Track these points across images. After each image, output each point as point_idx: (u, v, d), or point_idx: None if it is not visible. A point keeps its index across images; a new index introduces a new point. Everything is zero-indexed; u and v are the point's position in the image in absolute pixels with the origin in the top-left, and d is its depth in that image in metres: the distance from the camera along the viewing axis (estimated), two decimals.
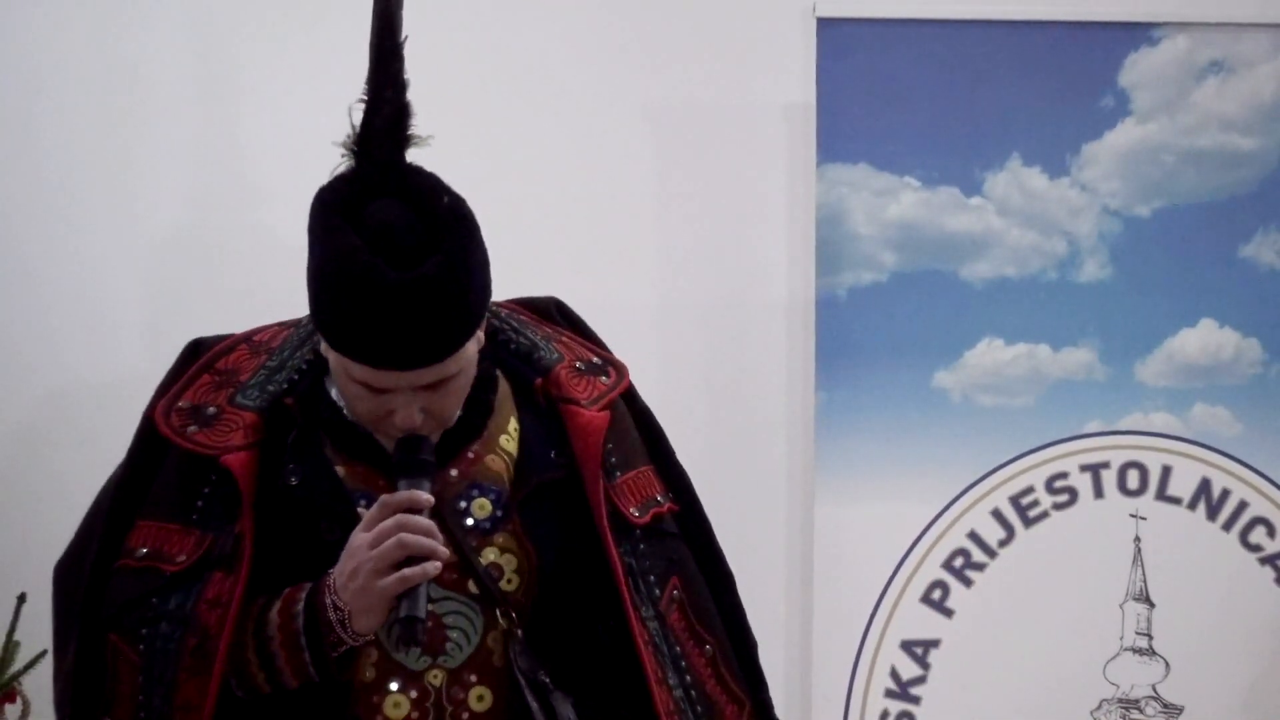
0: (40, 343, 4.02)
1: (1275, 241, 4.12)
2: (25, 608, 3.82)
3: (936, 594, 4.07)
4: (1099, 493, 4.12)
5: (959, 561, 4.08)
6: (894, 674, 4.05)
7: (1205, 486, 4.11)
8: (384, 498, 2.30)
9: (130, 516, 2.42)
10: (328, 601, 2.30)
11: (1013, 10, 4.08)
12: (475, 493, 2.41)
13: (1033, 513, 4.11)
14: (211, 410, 2.42)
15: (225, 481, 2.36)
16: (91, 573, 2.40)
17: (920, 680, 4.06)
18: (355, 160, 2.38)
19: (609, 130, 4.09)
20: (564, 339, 2.57)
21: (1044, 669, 4.04)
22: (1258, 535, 4.12)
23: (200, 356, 2.50)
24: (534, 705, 2.34)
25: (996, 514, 4.10)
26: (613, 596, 2.39)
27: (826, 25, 4.02)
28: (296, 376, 2.45)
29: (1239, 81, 4.12)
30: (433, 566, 2.27)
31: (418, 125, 2.38)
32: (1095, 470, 4.11)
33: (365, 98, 2.37)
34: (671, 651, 2.42)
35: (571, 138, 4.07)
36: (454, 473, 2.41)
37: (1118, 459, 4.11)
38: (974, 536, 4.09)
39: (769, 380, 4.15)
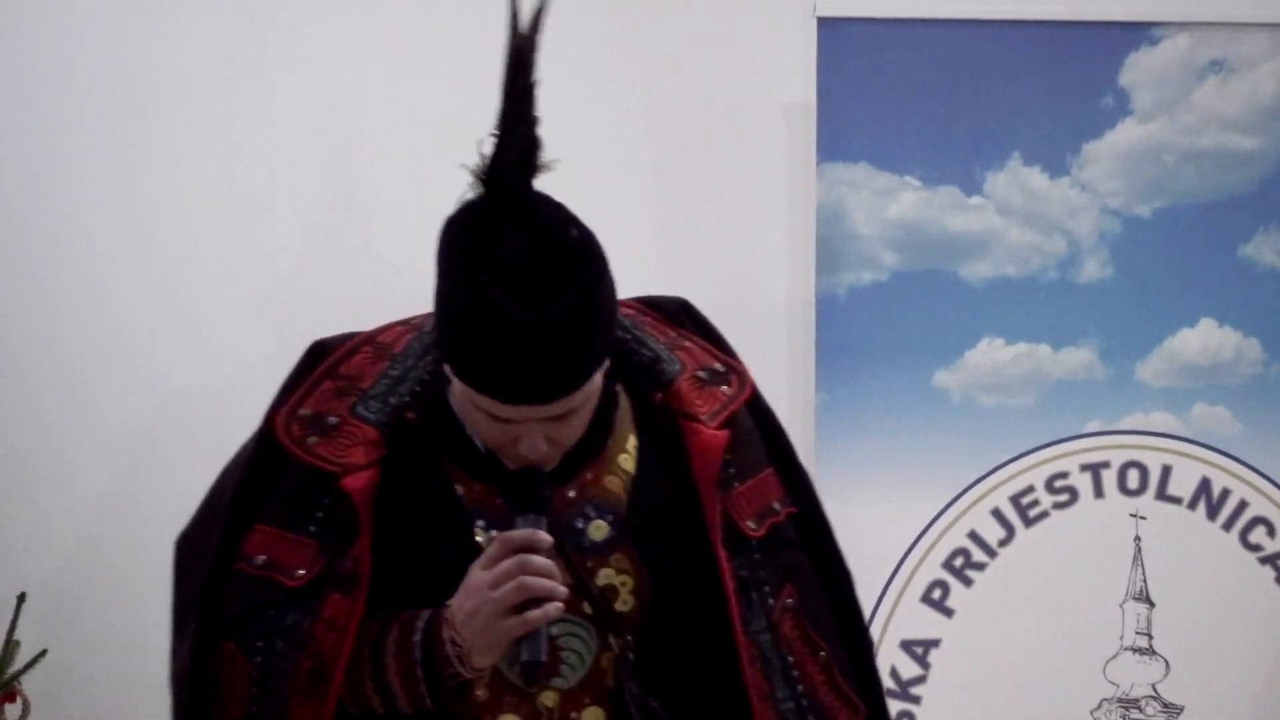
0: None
1: (1275, 241, 4.12)
2: (25, 608, 3.83)
3: (936, 594, 4.07)
4: (1099, 492, 4.12)
5: (959, 561, 4.08)
6: (894, 674, 4.05)
7: (1205, 486, 4.12)
8: (504, 536, 2.27)
9: (249, 518, 2.39)
10: (445, 636, 2.28)
11: (1013, 10, 4.08)
12: (592, 513, 2.38)
13: (1033, 512, 4.11)
14: (333, 420, 2.39)
15: (345, 499, 2.33)
16: (210, 571, 2.39)
17: (920, 680, 4.06)
18: (484, 188, 2.34)
19: (609, 130, 4.09)
20: (687, 345, 2.53)
21: (1044, 669, 4.04)
22: (1258, 535, 4.12)
23: (322, 360, 2.47)
24: None
25: (997, 514, 4.10)
26: (724, 615, 2.37)
27: (826, 25, 4.02)
28: (419, 389, 2.41)
29: (1239, 81, 4.12)
30: (554, 609, 2.24)
31: (546, 156, 2.37)
32: (1095, 470, 4.11)
33: (496, 132, 2.35)
34: (783, 662, 2.39)
35: (572, 137, 4.06)
36: (572, 493, 2.38)
37: (1118, 459, 4.11)
38: (974, 536, 4.09)
39: (769, 380, 4.08)
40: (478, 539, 2.33)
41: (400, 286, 3.93)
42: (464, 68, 4.09)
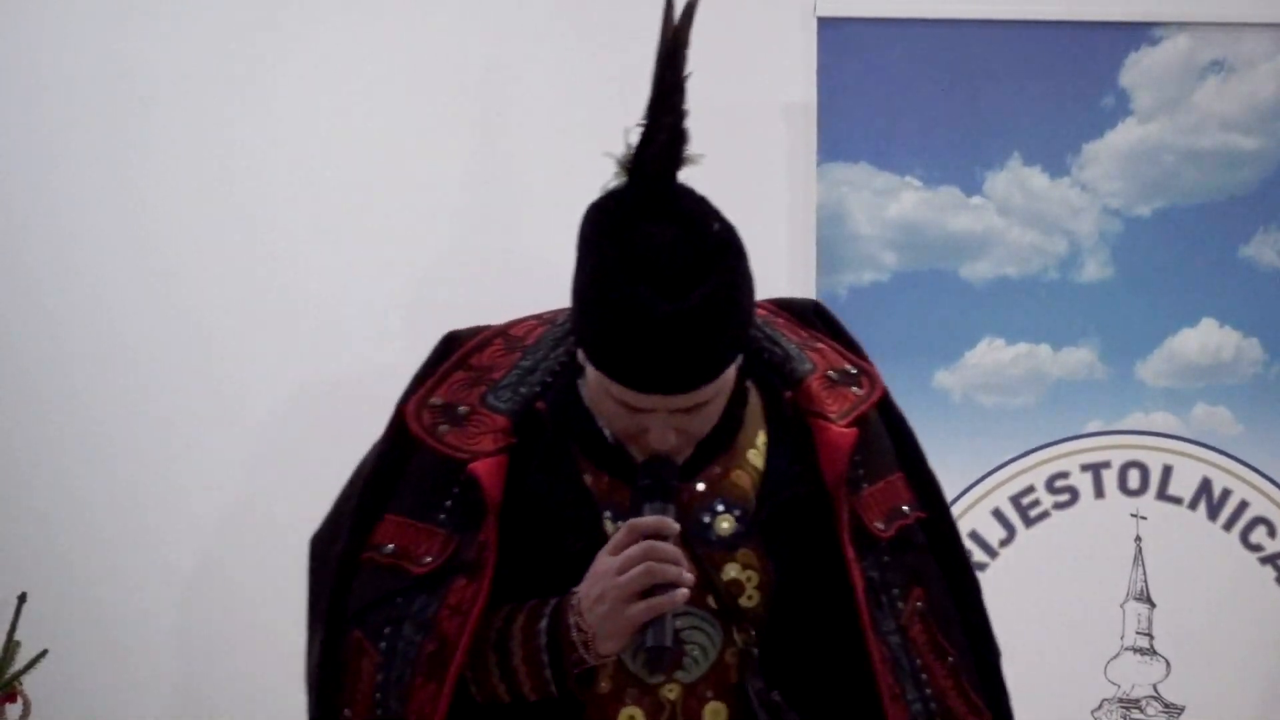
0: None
1: (1275, 241, 4.12)
2: (25, 608, 3.83)
3: None
4: (1100, 492, 4.12)
5: None
6: None
7: (1206, 486, 4.11)
8: (632, 522, 2.27)
9: (379, 509, 2.41)
10: (571, 622, 2.27)
11: (1013, 10, 4.08)
12: (720, 508, 2.38)
13: (1033, 512, 4.11)
14: (463, 410, 2.40)
15: (473, 485, 2.34)
16: (339, 563, 2.40)
17: None
18: (628, 178, 2.38)
19: (610, 130, 4.08)
20: (819, 346, 2.54)
21: (1044, 669, 4.04)
22: (1258, 535, 4.12)
23: (454, 351, 2.48)
24: None
25: (997, 514, 4.10)
26: (852, 613, 2.36)
27: (826, 25, 4.03)
28: (550, 379, 2.42)
29: (1239, 81, 4.12)
30: (681, 595, 2.24)
31: (690, 150, 2.42)
32: (1096, 470, 4.11)
33: (644, 123, 2.40)
34: (912, 665, 2.39)
35: (572, 137, 4.07)
36: (700, 486, 2.38)
37: (1118, 458, 4.11)
38: (974, 536, 4.08)
39: None
40: (606, 530, 2.33)
41: (412, 289, 3.95)
42: (463, 67, 4.10)
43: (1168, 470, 4.11)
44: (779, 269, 4.12)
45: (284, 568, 2.77)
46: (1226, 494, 4.11)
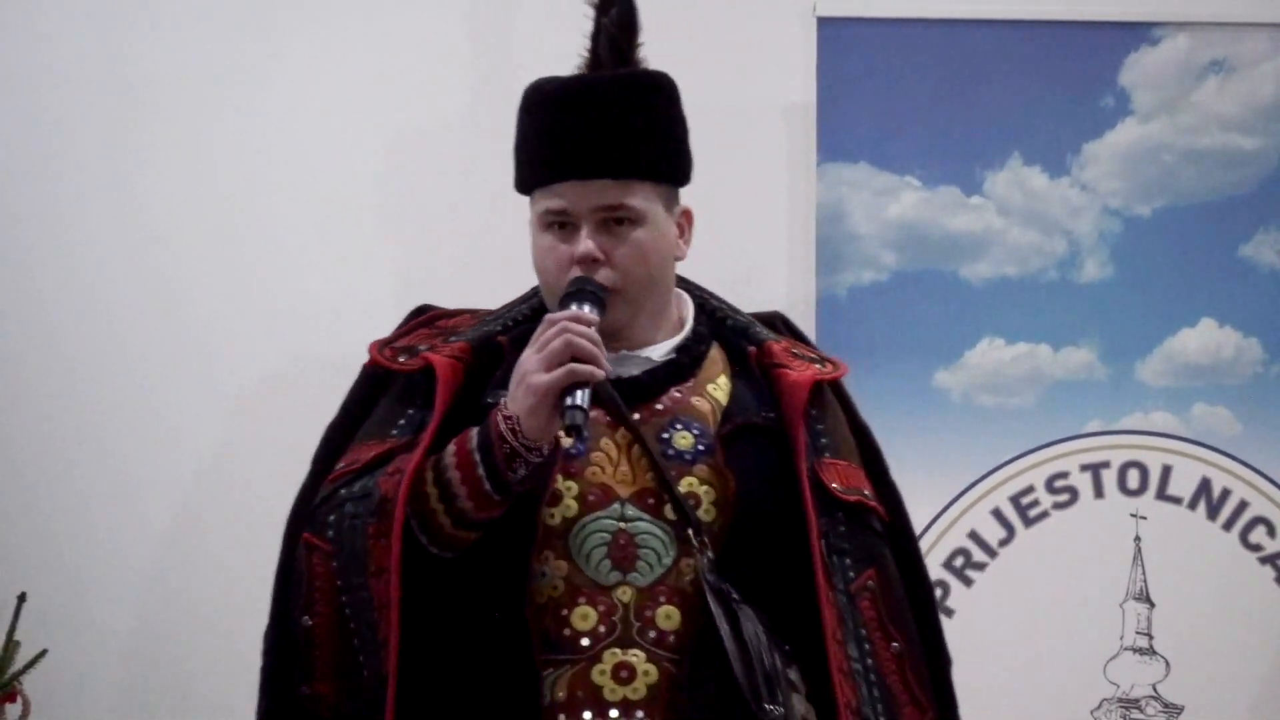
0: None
1: (1275, 241, 4.12)
2: (25, 607, 3.83)
3: (937, 593, 4.06)
4: (1099, 492, 4.12)
5: (959, 561, 4.08)
6: None
7: (1205, 486, 4.12)
8: (549, 316, 2.35)
9: (343, 449, 2.46)
10: (499, 417, 2.31)
11: (1013, 10, 4.08)
12: (679, 426, 2.43)
13: (1033, 512, 4.11)
14: (424, 347, 2.48)
15: (428, 402, 2.40)
16: (301, 501, 2.46)
17: None
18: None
19: None
20: (783, 337, 2.61)
21: (1044, 669, 4.04)
22: (1258, 535, 4.12)
23: (424, 315, 2.57)
24: (717, 610, 2.34)
25: (997, 513, 4.10)
26: (805, 550, 2.40)
27: (826, 25, 4.03)
28: (512, 324, 2.51)
29: (1239, 81, 4.12)
30: (599, 371, 2.30)
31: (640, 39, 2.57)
32: (1095, 470, 4.11)
33: (591, 14, 2.55)
34: (857, 633, 2.41)
35: None
36: (659, 406, 2.44)
37: (1118, 459, 4.11)
38: (974, 536, 4.09)
39: None
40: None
41: (404, 287, 3.95)
42: (467, 66, 4.10)
43: (1167, 470, 4.11)
44: (779, 269, 4.13)
45: None
46: (1226, 494, 4.11)
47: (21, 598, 3.83)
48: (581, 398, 2.28)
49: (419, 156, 4.07)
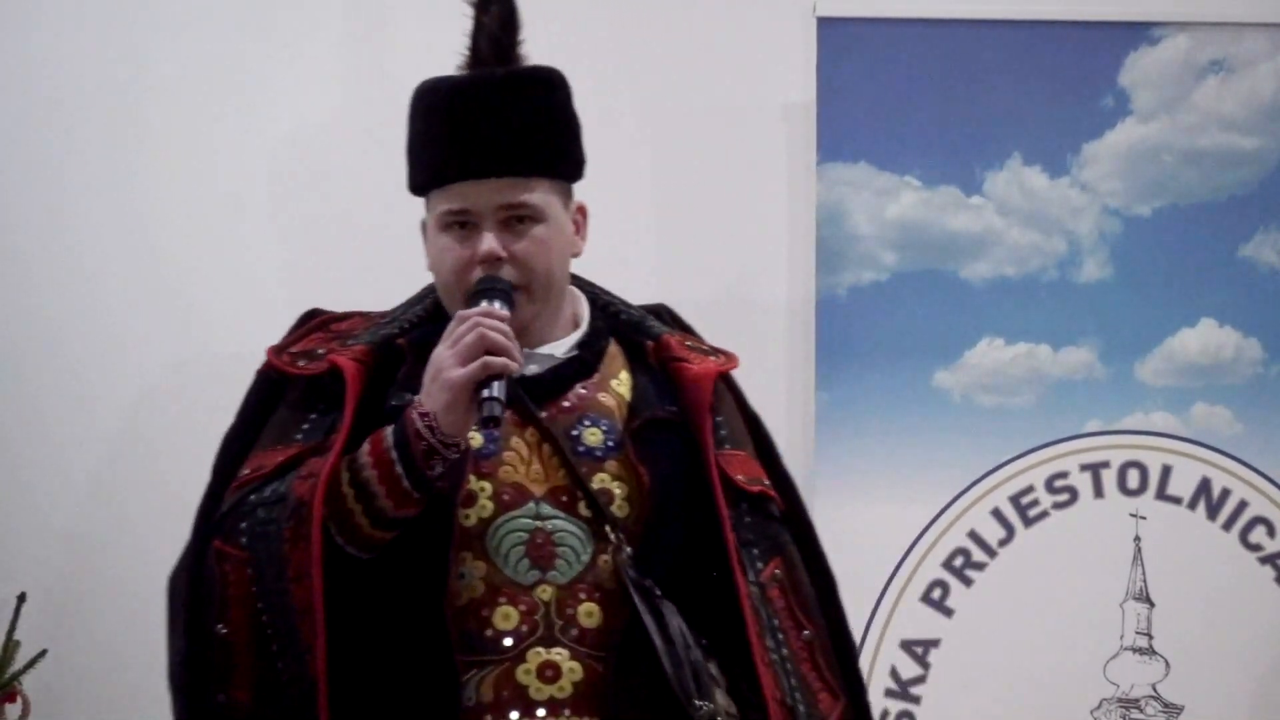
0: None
1: (1275, 241, 4.12)
2: (25, 608, 3.83)
3: (936, 593, 4.07)
4: (1099, 492, 4.12)
5: (959, 561, 4.09)
6: (894, 674, 4.05)
7: (1205, 486, 4.12)
8: (461, 312, 2.36)
9: (243, 458, 2.46)
10: (414, 414, 2.32)
11: (1013, 10, 4.08)
12: (587, 422, 2.46)
13: (1033, 512, 4.11)
14: (321, 351, 2.48)
15: (332, 406, 2.40)
16: (204, 511, 2.44)
17: (920, 680, 4.06)
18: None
19: (609, 130, 4.08)
20: (677, 333, 2.63)
21: (1044, 669, 4.04)
22: (1258, 535, 4.12)
23: (315, 319, 2.58)
24: (643, 607, 2.36)
25: (996, 513, 4.10)
26: (719, 546, 2.42)
27: (826, 25, 4.03)
28: (408, 325, 2.52)
29: (1239, 81, 4.12)
30: (512, 364, 2.31)
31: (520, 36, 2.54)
32: (1095, 470, 4.11)
33: (471, 13, 2.52)
34: (770, 623, 2.44)
35: None
36: (566, 403, 2.46)
37: (1118, 458, 4.11)
38: (974, 536, 4.09)
39: (769, 380, 4.13)
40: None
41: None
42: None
43: (1167, 470, 4.11)
44: (779, 269, 4.13)
45: None
46: (1226, 494, 4.12)
47: (21, 598, 3.83)
48: (498, 389, 2.30)
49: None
